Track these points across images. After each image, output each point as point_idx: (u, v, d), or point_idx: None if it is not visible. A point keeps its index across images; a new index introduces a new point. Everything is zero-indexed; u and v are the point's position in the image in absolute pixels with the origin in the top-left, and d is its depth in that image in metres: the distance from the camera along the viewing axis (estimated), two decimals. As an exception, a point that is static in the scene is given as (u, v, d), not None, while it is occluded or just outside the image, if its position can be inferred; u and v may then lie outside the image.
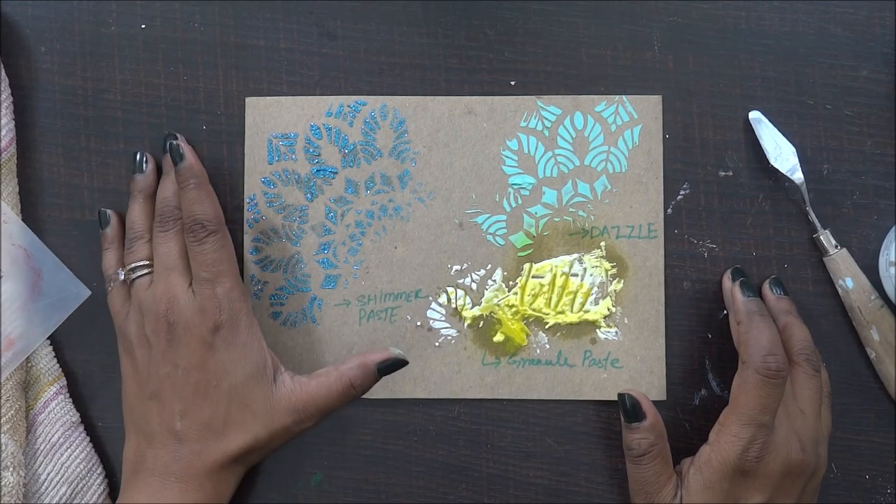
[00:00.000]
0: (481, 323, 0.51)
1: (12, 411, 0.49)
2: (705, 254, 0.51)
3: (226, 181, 0.52)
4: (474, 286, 0.51)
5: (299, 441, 0.51)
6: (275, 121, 0.52)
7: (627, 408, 0.47)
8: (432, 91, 0.52)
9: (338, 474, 0.51)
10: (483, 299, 0.51)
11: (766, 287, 0.50)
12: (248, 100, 0.52)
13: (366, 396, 0.51)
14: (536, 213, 0.51)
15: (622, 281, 0.51)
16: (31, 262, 0.51)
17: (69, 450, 0.50)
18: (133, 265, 0.48)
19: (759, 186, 0.51)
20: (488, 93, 0.52)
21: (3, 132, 0.51)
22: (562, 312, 0.51)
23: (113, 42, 0.52)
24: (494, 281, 0.51)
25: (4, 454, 0.48)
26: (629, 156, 0.51)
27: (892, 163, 0.51)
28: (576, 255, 0.51)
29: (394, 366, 0.48)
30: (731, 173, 0.52)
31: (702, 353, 0.51)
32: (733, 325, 0.48)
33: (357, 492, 0.51)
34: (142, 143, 0.52)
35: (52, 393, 0.50)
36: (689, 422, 0.51)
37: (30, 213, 0.52)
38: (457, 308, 0.51)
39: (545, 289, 0.51)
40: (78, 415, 0.51)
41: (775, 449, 0.45)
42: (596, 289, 0.51)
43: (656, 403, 0.49)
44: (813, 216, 0.51)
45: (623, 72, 0.52)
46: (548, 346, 0.51)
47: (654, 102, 0.52)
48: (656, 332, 0.51)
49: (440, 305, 0.51)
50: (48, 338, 0.51)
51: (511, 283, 0.51)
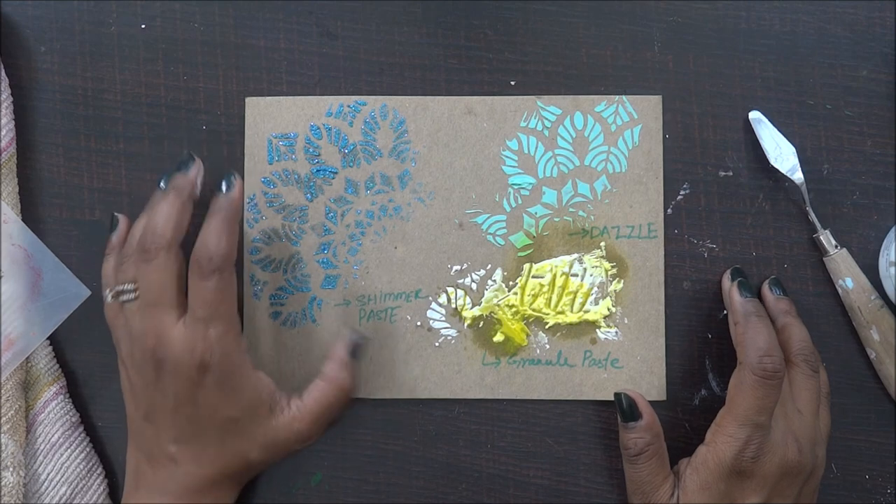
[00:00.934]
0: (481, 323, 0.51)
1: (12, 411, 0.49)
2: (705, 254, 0.51)
3: (226, 181, 0.52)
4: (474, 286, 0.51)
5: (299, 441, 0.51)
6: (275, 121, 0.52)
7: (624, 407, 0.47)
8: (432, 91, 0.52)
9: (338, 474, 0.51)
10: (483, 299, 0.51)
11: (765, 287, 0.50)
12: (248, 100, 0.52)
13: (366, 396, 0.51)
14: (536, 213, 0.51)
15: (622, 281, 0.51)
16: (31, 262, 0.51)
17: (69, 450, 0.50)
18: (119, 288, 0.46)
19: (759, 186, 0.51)
20: (488, 93, 0.52)
21: (3, 132, 0.51)
22: (562, 312, 0.51)
23: (113, 42, 0.52)
24: (494, 281, 0.51)
25: (4, 454, 0.48)
26: (629, 156, 0.51)
27: (892, 163, 0.51)
28: (576, 255, 0.51)
29: (359, 347, 0.48)
30: (731, 173, 0.52)
31: (702, 353, 0.51)
32: (732, 325, 0.48)
33: (357, 492, 0.51)
34: (141, 142, 0.52)
35: (52, 393, 0.50)
36: (688, 422, 0.51)
37: (30, 213, 0.52)
38: (457, 308, 0.51)
39: (545, 289, 0.51)
40: (78, 415, 0.51)
41: (772, 449, 0.45)
42: (596, 289, 0.51)
43: (656, 403, 0.49)
44: (813, 216, 0.51)
45: (623, 72, 0.52)
46: (548, 346, 0.51)
47: (654, 102, 0.52)
48: (656, 332, 0.51)
49: (440, 305, 0.51)
50: (48, 338, 0.51)
51: (511, 283, 0.51)
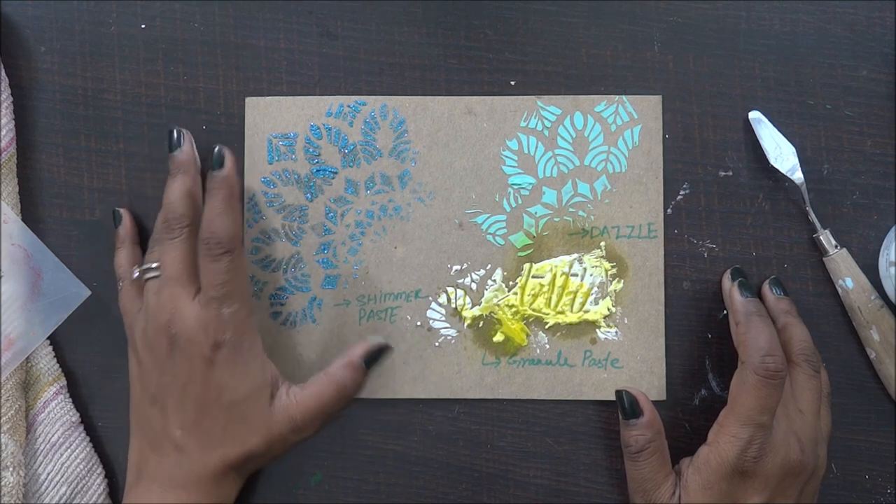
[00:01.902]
0: (481, 323, 0.51)
1: (12, 411, 0.49)
2: (705, 254, 0.51)
3: (226, 181, 0.52)
4: (474, 286, 0.51)
5: (299, 441, 0.51)
6: (275, 121, 0.52)
7: (625, 405, 0.47)
8: (432, 91, 0.52)
9: (338, 474, 0.51)
10: (483, 299, 0.51)
11: (765, 287, 0.50)
12: (248, 100, 0.52)
13: (366, 396, 0.51)
14: (536, 213, 0.51)
15: (622, 281, 0.51)
16: (31, 261, 0.51)
17: (69, 450, 0.50)
18: (146, 266, 0.48)
19: (759, 186, 0.51)
20: (488, 93, 0.52)
21: (3, 132, 0.51)
22: (562, 312, 0.51)
23: (113, 42, 0.53)
24: (494, 281, 0.51)
25: (4, 454, 0.48)
26: (629, 156, 0.51)
27: (892, 163, 0.51)
28: (576, 255, 0.51)
29: (377, 354, 0.48)
30: (731, 173, 0.52)
31: (702, 353, 0.51)
32: (733, 325, 0.48)
33: (357, 492, 0.51)
34: (141, 142, 0.52)
35: (52, 393, 0.50)
36: (689, 422, 0.51)
37: (30, 213, 0.52)
38: (457, 308, 0.51)
39: (545, 289, 0.51)
40: (78, 415, 0.51)
41: (774, 449, 0.45)
42: (596, 289, 0.51)
43: (656, 403, 0.49)
44: (813, 216, 0.51)
45: (623, 72, 0.52)
46: (548, 346, 0.51)
47: (654, 102, 0.52)
48: (656, 332, 0.51)
49: (440, 305, 0.51)
50: (48, 338, 0.51)
51: (511, 283, 0.51)
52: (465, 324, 0.51)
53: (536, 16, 0.52)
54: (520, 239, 0.51)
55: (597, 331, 0.51)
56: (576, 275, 0.51)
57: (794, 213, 0.51)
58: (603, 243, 0.51)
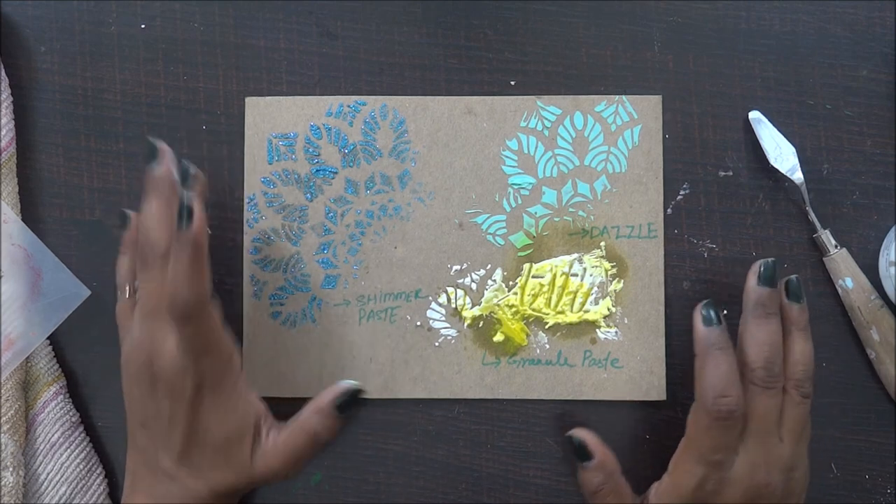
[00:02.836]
0: (481, 323, 0.51)
1: (12, 411, 0.49)
2: (705, 254, 0.51)
3: (226, 181, 0.52)
4: (474, 286, 0.51)
5: (299, 441, 0.51)
6: (275, 121, 0.52)
7: (576, 448, 0.47)
8: (432, 91, 0.52)
9: (338, 474, 0.51)
10: (483, 299, 0.51)
11: (782, 287, 0.46)
12: (248, 100, 0.52)
13: (366, 396, 0.51)
14: (536, 213, 0.51)
15: (622, 281, 0.51)
16: (31, 262, 0.51)
17: (69, 450, 0.50)
18: (137, 284, 0.46)
19: (759, 186, 0.51)
20: (488, 93, 0.52)
21: (3, 132, 0.51)
22: (562, 312, 0.51)
23: (113, 42, 0.53)
24: (494, 281, 0.51)
25: (4, 454, 0.48)
26: (629, 156, 0.51)
27: (892, 163, 0.51)
28: (576, 255, 0.51)
29: (350, 399, 0.47)
30: (731, 173, 0.52)
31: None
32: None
33: (357, 492, 0.51)
34: (141, 142, 0.52)
35: (51, 393, 0.50)
36: (689, 422, 0.51)
37: (30, 213, 0.52)
38: (457, 308, 0.51)
39: (545, 289, 0.51)
40: (78, 415, 0.51)
41: (733, 483, 0.43)
42: (596, 289, 0.51)
43: (656, 403, 0.49)
44: (813, 216, 0.51)
45: (623, 72, 0.52)
46: (548, 346, 0.51)
47: (654, 102, 0.52)
48: (656, 332, 0.51)
49: (440, 305, 0.51)
50: (48, 338, 0.51)
51: (511, 283, 0.51)
52: (465, 324, 0.51)
53: (536, 16, 0.52)
54: (520, 239, 0.51)
55: (597, 331, 0.51)
56: (576, 275, 0.51)
57: (794, 213, 0.51)
58: (603, 243, 0.51)
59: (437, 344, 0.51)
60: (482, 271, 0.51)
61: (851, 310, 0.50)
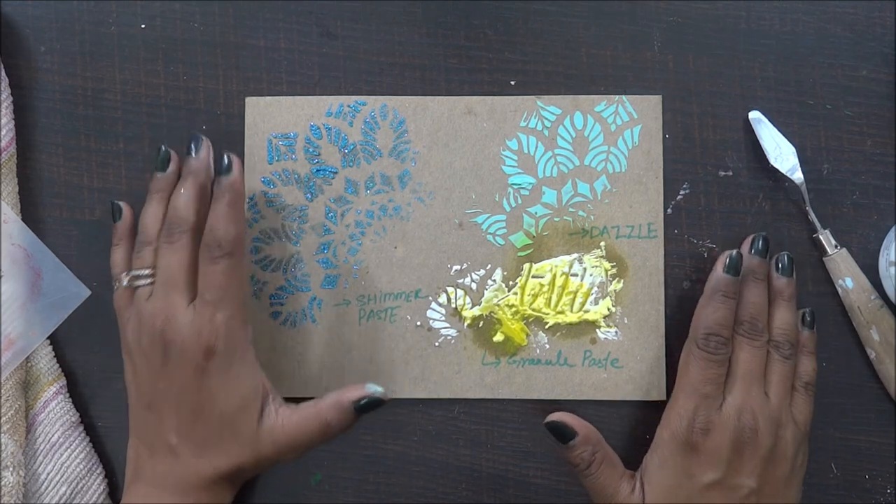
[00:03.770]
0: (481, 323, 0.51)
1: (12, 411, 0.49)
2: (705, 254, 0.51)
3: (226, 181, 0.52)
4: (474, 286, 0.51)
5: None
6: (275, 121, 0.52)
7: (558, 432, 0.47)
8: (432, 91, 0.52)
9: (338, 474, 0.51)
10: (483, 299, 0.51)
11: (772, 262, 0.49)
12: (248, 100, 0.52)
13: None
14: (536, 213, 0.51)
15: (622, 281, 0.51)
16: (31, 262, 0.51)
17: (69, 450, 0.50)
18: (136, 273, 0.47)
19: (759, 186, 0.51)
20: (488, 93, 0.52)
21: (3, 132, 0.51)
22: (562, 312, 0.51)
23: (113, 42, 0.53)
24: (494, 281, 0.51)
25: (4, 454, 0.48)
26: (629, 156, 0.51)
27: (892, 163, 0.51)
28: (576, 255, 0.51)
29: (371, 404, 0.46)
30: (731, 173, 0.52)
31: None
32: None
33: (357, 492, 0.51)
34: (141, 142, 0.52)
35: (51, 393, 0.50)
36: (689, 422, 0.51)
37: (30, 213, 0.52)
38: (457, 308, 0.51)
39: (545, 289, 0.51)
40: (78, 415, 0.51)
41: (722, 423, 0.45)
42: (596, 289, 0.51)
43: (656, 403, 0.49)
44: (813, 216, 0.51)
45: (623, 72, 0.52)
46: (548, 346, 0.51)
47: (654, 102, 0.52)
48: (656, 332, 0.51)
49: (440, 305, 0.51)
50: (48, 338, 0.51)
51: (511, 282, 0.51)
52: (465, 324, 0.51)
53: (536, 16, 0.52)
54: (520, 239, 0.51)
55: (597, 331, 0.51)
56: (576, 275, 0.51)
57: (794, 213, 0.51)
58: (603, 243, 0.51)
59: (437, 344, 0.51)
60: (482, 271, 0.51)
61: (851, 310, 0.50)
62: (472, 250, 0.51)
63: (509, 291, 0.51)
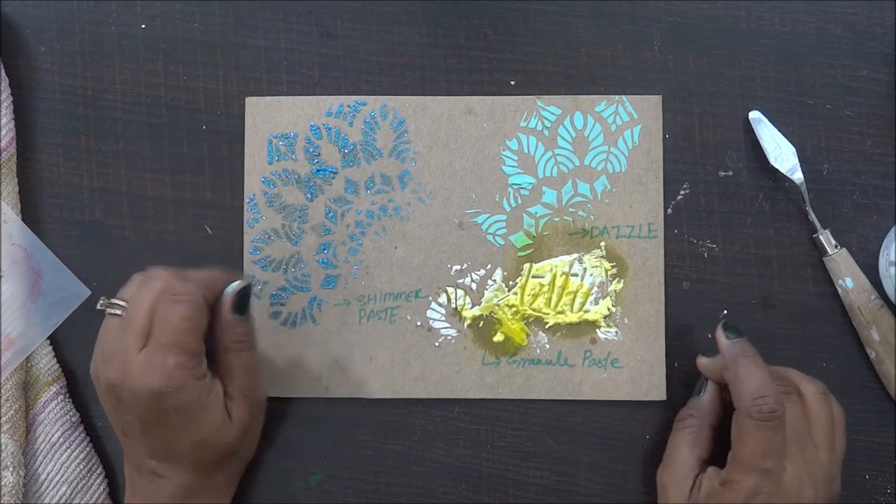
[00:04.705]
0: (481, 323, 0.51)
1: (12, 411, 0.49)
2: (705, 254, 0.51)
3: (226, 181, 0.52)
4: (474, 286, 0.51)
5: (299, 441, 0.51)
6: (275, 121, 0.52)
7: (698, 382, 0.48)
8: (432, 91, 0.52)
9: (338, 474, 0.51)
10: (483, 299, 0.51)
11: (718, 331, 0.47)
12: (248, 100, 0.52)
13: (366, 396, 0.51)
14: (536, 213, 0.51)
15: (622, 281, 0.51)
16: (31, 261, 0.51)
17: (69, 450, 0.50)
18: (114, 300, 0.45)
19: (759, 186, 0.51)
20: (488, 93, 0.52)
21: (3, 132, 0.51)
22: (562, 312, 0.51)
23: (113, 42, 0.52)
24: (494, 281, 0.51)
25: (4, 454, 0.48)
26: (629, 156, 0.51)
27: (892, 163, 0.51)
28: (576, 255, 0.51)
29: (242, 297, 0.46)
30: (731, 173, 0.52)
31: (702, 353, 0.51)
32: (725, 372, 0.46)
33: (357, 492, 0.51)
34: (141, 142, 0.52)
35: (52, 393, 0.50)
36: (689, 422, 0.51)
37: (30, 213, 0.52)
38: (457, 308, 0.51)
39: (545, 289, 0.51)
40: (78, 415, 0.51)
41: (784, 494, 0.43)
42: (596, 289, 0.51)
43: (656, 403, 0.49)
44: (813, 216, 0.51)
45: (623, 72, 0.52)
46: (548, 346, 0.51)
47: (654, 102, 0.52)
48: (656, 332, 0.51)
49: (440, 305, 0.51)
50: (48, 338, 0.51)
51: (511, 283, 0.51)
52: (465, 324, 0.51)
53: (536, 16, 0.52)
54: (520, 239, 0.51)
55: (597, 331, 0.51)
56: (576, 275, 0.51)
57: (794, 213, 0.51)
58: (603, 243, 0.51)
59: (437, 344, 0.51)
60: (482, 271, 0.51)
61: (851, 310, 0.50)
62: (472, 250, 0.51)
63: (509, 291, 0.51)
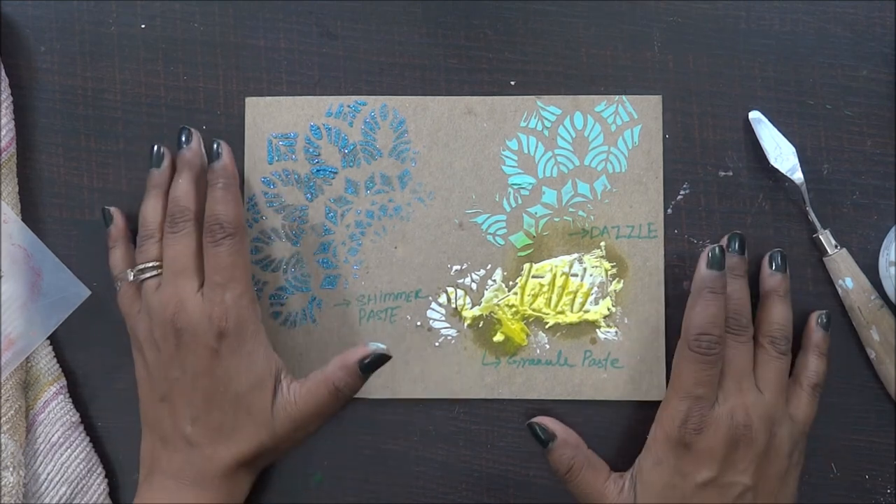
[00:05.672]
0: (481, 323, 0.51)
1: (12, 411, 0.49)
2: (705, 254, 0.51)
3: (226, 181, 0.52)
4: (474, 286, 0.51)
5: (299, 441, 0.51)
6: (275, 121, 0.52)
7: (539, 435, 0.49)
8: (432, 91, 0.52)
9: (338, 474, 0.51)
10: (483, 299, 0.51)
11: (764, 259, 0.50)
12: (248, 100, 0.52)
13: (366, 396, 0.51)
14: (536, 213, 0.51)
15: (622, 281, 0.51)
16: (31, 261, 0.51)
17: (69, 450, 0.50)
18: (142, 266, 0.48)
19: (759, 186, 0.51)
20: (488, 93, 0.52)
21: (3, 132, 0.51)
22: (562, 312, 0.51)
23: (113, 42, 0.53)
24: (494, 281, 0.51)
25: (4, 454, 0.48)
26: (629, 156, 0.51)
27: (892, 163, 0.51)
28: (576, 255, 0.51)
29: (376, 361, 0.47)
30: (731, 173, 0.52)
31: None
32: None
33: (357, 492, 0.51)
34: (141, 142, 0.52)
35: (52, 393, 0.50)
36: (689, 422, 0.51)
37: (30, 213, 0.52)
38: (457, 308, 0.51)
39: (545, 289, 0.51)
40: (78, 415, 0.51)
41: (715, 422, 0.45)
42: (596, 289, 0.51)
43: (656, 403, 0.49)
44: (813, 216, 0.51)
45: (623, 72, 0.52)
46: (548, 346, 0.51)
47: (654, 102, 0.52)
48: (656, 332, 0.51)
49: (440, 305, 0.51)
50: (48, 338, 0.51)
51: (511, 283, 0.51)
52: (465, 324, 0.51)
53: (536, 16, 0.52)
54: (520, 239, 0.51)
55: (597, 331, 0.51)
56: (576, 275, 0.51)
57: (794, 213, 0.51)
58: (603, 243, 0.51)
59: (437, 344, 0.51)
60: (482, 271, 0.51)
61: (851, 310, 0.50)
62: (472, 250, 0.51)
63: (509, 291, 0.51)
